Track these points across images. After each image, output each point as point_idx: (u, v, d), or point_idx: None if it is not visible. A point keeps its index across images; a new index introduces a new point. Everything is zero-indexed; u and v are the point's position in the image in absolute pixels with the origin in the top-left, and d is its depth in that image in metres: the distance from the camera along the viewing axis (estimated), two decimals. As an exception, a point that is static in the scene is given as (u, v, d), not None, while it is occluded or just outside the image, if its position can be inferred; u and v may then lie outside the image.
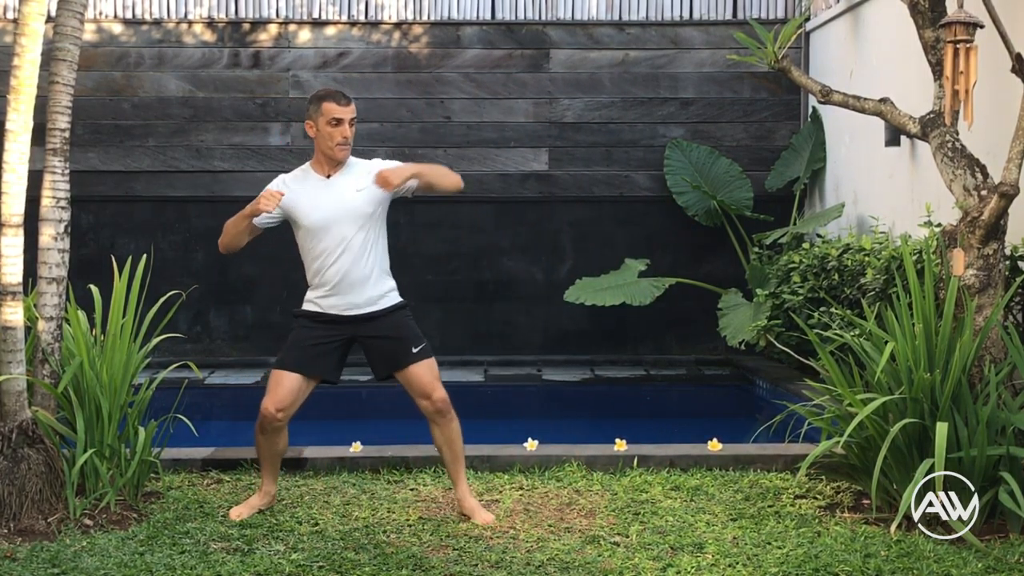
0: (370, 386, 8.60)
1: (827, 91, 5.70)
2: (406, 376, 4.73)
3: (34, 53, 4.60)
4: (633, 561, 4.17)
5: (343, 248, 4.67)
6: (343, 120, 4.65)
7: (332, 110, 4.66)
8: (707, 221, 9.29)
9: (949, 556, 4.15)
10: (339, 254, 4.68)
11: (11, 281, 4.61)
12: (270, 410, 4.66)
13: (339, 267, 4.68)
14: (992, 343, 4.76)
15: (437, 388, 4.71)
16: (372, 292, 4.74)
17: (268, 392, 4.70)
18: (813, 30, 9.39)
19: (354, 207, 4.67)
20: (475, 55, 9.48)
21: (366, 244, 4.70)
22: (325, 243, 4.69)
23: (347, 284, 4.70)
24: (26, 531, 4.39)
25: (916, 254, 5.90)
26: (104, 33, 9.38)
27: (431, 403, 4.71)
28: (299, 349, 4.74)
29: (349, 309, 4.73)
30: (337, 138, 4.65)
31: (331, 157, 4.71)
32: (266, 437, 4.73)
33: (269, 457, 4.79)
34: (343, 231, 4.67)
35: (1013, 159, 4.77)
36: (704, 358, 9.35)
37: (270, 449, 4.77)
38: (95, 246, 9.19)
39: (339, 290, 4.71)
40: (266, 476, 4.82)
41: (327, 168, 4.75)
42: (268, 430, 4.70)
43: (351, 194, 4.68)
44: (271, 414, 4.66)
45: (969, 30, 4.78)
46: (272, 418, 4.67)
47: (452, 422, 4.75)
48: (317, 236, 4.70)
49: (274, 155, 9.42)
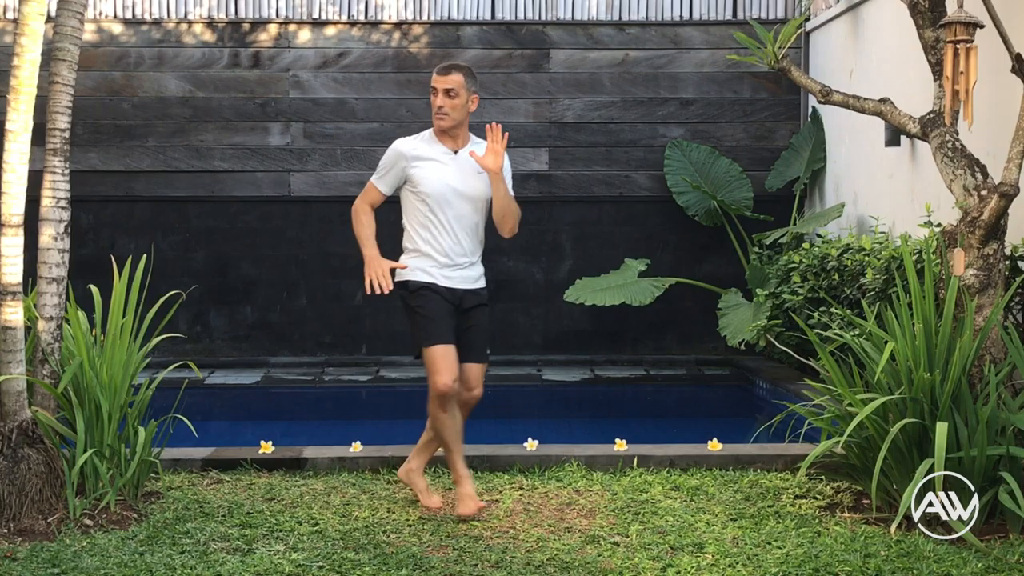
0: (370, 386, 8.63)
1: (827, 91, 5.70)
2: (462, 367, 4.85)
3: (34, 53, 4.60)
4: (633, 561, 4.17)
5: (461, 225, 4.84)
6: (437, 90, 4.81)
7: (432, 80, 4.86)
8: (707, 221, 9.29)
9: (949, 556, 4.15)
10: (458, 229, 4.83)
11: (11, 281, 4.61)
12: (447, 382, 4.71)
13: (454, 241, 4.83)
14: (992, 343, 4.76)
15: (480, 386, 4.94)
16: (474, 273, 4.93)
17: (434, 370, 4.73)
18: (813, 30, 9.39)
19: (475, 187, 4.85)
20: (475, 55, 9.48)
21: (479, 226, 4.90)
22: (444, 214, 4.82)
23: (462, 261, 4.86)
24: (26, 531, 4.39)
25: (916, 254, 5.90)
26: (104, 33, 9.39)
27: (470, 395, 4.91)
28: (440, 320, 4.80)
29: (461, 284, 4.87)
30: (434, 107, 4.84)
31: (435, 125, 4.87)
32: (448, 412, 4.77)
33: (455, 435, 4.83)
34: (463, 207, 4.83)
35: (1013, 159, 4.77)
36: (704, 358, 9.34)
37: (454, 425, 4.82)
38: (95, 246, 9.19)
39: (454, 263, 4.85)
40: (459, 458, 4.83)
41: (449, 140, 4.89)
42: (447, 403, 4.75)
43: (474, 175, 4.85)
44: (448, 385, 4.71)
45: (969, 30, 4.78)
46: (449, 388, 4.71)
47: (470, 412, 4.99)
48: (438, 205, 4.82)
49: (274, 155, 9.42)
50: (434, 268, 4.84)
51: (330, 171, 9.44)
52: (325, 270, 9.49)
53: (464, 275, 4.88)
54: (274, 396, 8.56)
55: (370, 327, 9.49)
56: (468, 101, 4.85)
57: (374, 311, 9.48)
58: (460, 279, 4.86)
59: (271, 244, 9.51)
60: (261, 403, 8.47)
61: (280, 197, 9.44)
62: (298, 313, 9.51)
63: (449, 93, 4.79)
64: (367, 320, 9.50)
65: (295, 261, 9.52)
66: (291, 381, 8.72)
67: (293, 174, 9.44)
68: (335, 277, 9.49)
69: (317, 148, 9.43)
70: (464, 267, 4.87)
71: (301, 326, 9.51)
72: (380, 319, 9.48)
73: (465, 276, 4.88)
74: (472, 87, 4.86)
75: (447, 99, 4.80)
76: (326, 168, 9.44)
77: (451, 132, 4.87)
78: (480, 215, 4.90)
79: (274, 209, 9.47)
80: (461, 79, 4.82)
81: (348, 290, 9.50)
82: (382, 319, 9.47)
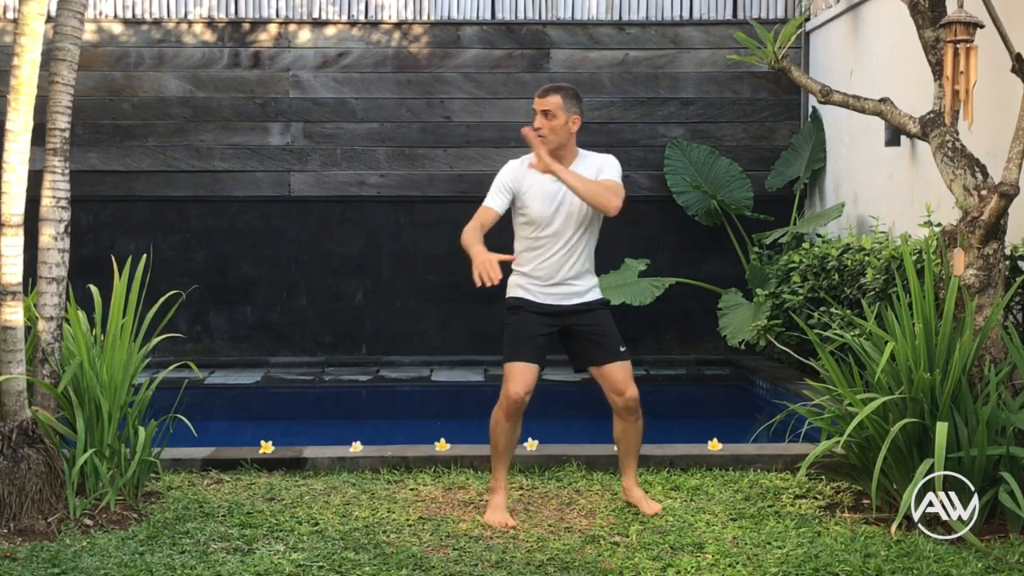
0: (370, 386, 8.64)
1: (827, 91, 5.69)
2: (603, 372, 4.87)
3: (34, 53, 4.60)
4: (633, 561, 4.17)
5: (562, 242, 4.82)
6: (536, 111, 4.81)
7: (535, 102, 4.85)
8: (707, 221, 9.29)
9: (949, 556, 4.15)
10: (558, 247, 4.82)
11: (11, 281, 4.61)
12: (519, 392, 4.73)
13: (555, 260, 4.83)
14: (992, 343, 4.76)
15: (631, 386, 4.86)
16: (581, 286, 4.88)
17: (509, 378, 4.76)
18: (813, 30, 9.39)
19: (576, 204, 4.79)
20: (475, 55, 9.48)
21: (580, 241, 4.84)
22: (544, 235, 4.83)
23: (562, 277, 4.84)
24: (26, 531, 4.39)
25: (916, 254, 5.90)
26: (104, 33, 9.38)
27: (623, 400, 4.86)
28: (526, 340, 4.82)
29: (562, 300, 4.85)
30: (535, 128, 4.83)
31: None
32: (512, 424, 4.79)
33: (508, 449, 4.85)
34: (561, 226, 4.81)
35: (1013, 159, 4.77)
36: (704, 358, 9.34)
37: (512, 439, 4.84)
38: (95, 246, 9.19)
39: (554, 281, 4.84)
40: (502, 471, 4.85)
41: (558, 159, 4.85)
42: (513, 414, 4.77)
43: (568, 191, 4.79)
44: (520, 396, 4.73)
45: (969, 30, 4.78)
46: (520, 400, 4.74)
47: (637, 421, 4.92)
48: (539, 227, 4.84)
49: (274, 155, 9.42)
50: (534, 286, 4.86)
51: (330, 171, 9.44)
52: (325, 270, 9.49)
53: (562, 292, 4.84)
54: (274, 396, 8.56)
55: (370, 327, 9.49)
56: (568, 122, 4.80)
57: (374, 311, 9.48)
58: (559, 296, 4.84)
59: (271, 244, 9.51)
60: (261, 403, 8.47)
61: (280, 197, 9.44)
62: (298, 313, 9.51)
63: (547, 115, 4.78)
64: (367, 320, 9.50)
65: (295, 261, 9.52)
66: (291, 381, 8.72)
67: (293, 174, 9.44)
68: (335, 277, 9.49)
69: (317, 148, 9.43)
70: (563, 286, 4.84)
71: (301, 326, 9.51)
72: (380, 319, 9.48)
73: (564, 293, 4.84)
74: (573, 108, 4.82)
75: (545, 120, 4.78)
76: (326, 168, 9.44)
77: (553, 153, 4.81)
78: (583, 228, 4.82)
79: (274, 209, 9.46)
80: (559, 100, 4.80)
81: (348, 290, 9.50)
82: (382, 319, 9.48)
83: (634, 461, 4.96)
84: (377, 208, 9.49)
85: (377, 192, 9.45)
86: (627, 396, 4.85)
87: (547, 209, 4.80)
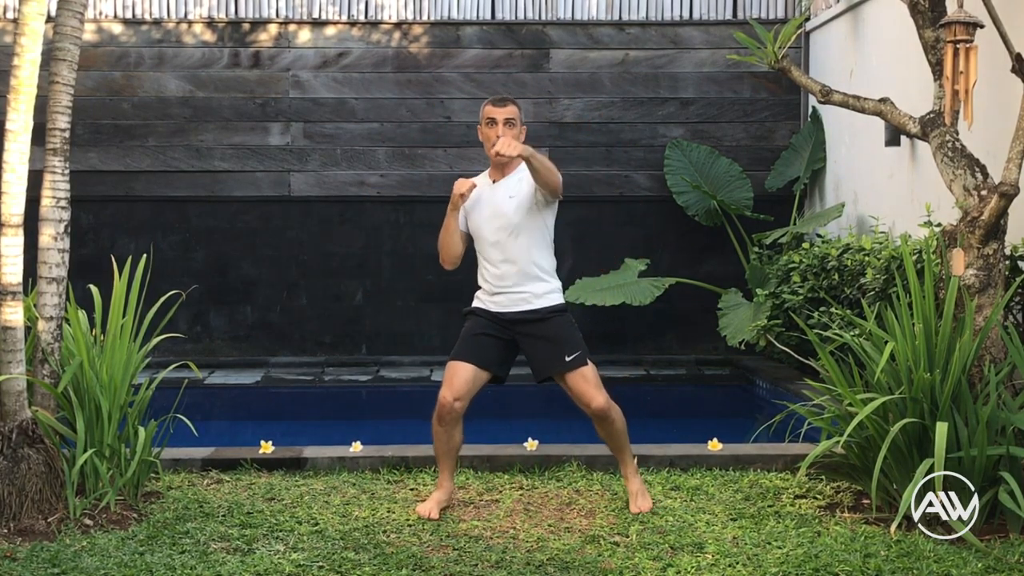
0: (370, 386, 8.64)
1: (827, 91, 5.69)
2: (565, 382, 4.86)
3: (34, 53, 4.60)
4: (633, 561, 4.17)
5: (499, 252, 4.82)
6: (496, 120, 4.77)
7: (487, 111, 4.81)
8: (707, 221, 9.29)
9: (949, 556, 4.15)
10: (497, 258, 4.83)
11: (11, 281, 4.61)
12: (448, 399, 4.74)
13: (497, 270, 4.83)
14: (992, 343, 4.76)
15: (594, 397, 4.78)
16: (529, 292, 4.84)
17: (444, 383, 4.79)
18: (813, 30, 9.39)
19: (504, 214, 4.81)
20: (475, 55, 9.48)
21: (520, 249, 4.81)
22: (484, 246, 4.86)
23: (504, 286, 4.84)
24: (26, 531, 4.39)
25: (916, 254, 5.90)
26: (104, 33, 9.39)
27: (590, 411, 4.82)
28: (468, 340, 4.86)
29: (507, 307, 4.85)
30: (492, 138, 4.77)
31: (490, 159, 4.83)
32: (445, 429, 4.79)
33: (447, 452, 4.84)
34: (497, 236, 4.81)
35: (1013, 159, 4.77)
36: (704, 358, 9.35)
37: (448, 443, 4.82)
38: (95, 246, 9.19)
39: (498, 291, 4.85)
40: (444, 472, 4.86)
41: (495, 172, 4.89)
42: (446, 420, 4.76)
43: (504, 201, 4.81)
44: (448, 403, 4.74)
45: (969, 30, 4.78)
46: (449, 407, 4.74)
47: (613, 424, 4.84)
48: (479, 239, 4.87)
49: (274, 155, 9.42)
50: (485, 296, 4.90)
51: (330, 171, 9.44)
52: (325, 270, 9.50)
53: (507, 300, 4.83)
54: (274, 396, 8.56)
55: (370, 327, 9.50)
56: (520, 133, 4.84)
57: (374, 311, 9.48)
58: (505, 304, 4.84)
59: (271, 244, 9.51)
60: (261, 403, 8.47)
61: (280, 197, 9.44)
62: (298, 313, 9.51)
63: (510, 123, 4.77)
64: (367, 320, 9.50)
65: (295, 261, 9.52)
66: (291, 381, 8.72)
67: (293, 174, 9.44)
68: (335, 277, 9.49)
69: (317, 148, 9.43)
70: (507, 294, 4.83)
71: (301, 326, 9.51)
72: (380, 319, 9.48)
73: (508, 302, 4.83)
74: (521, 118, 4.87)
75: (508, 128, 4.76)
76: (326, 168, 9.44)
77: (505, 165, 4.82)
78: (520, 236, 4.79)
79: (274, 209, 9.47)
80: (517, 109, 4.83)
81: (348, 290, 9.50)
82: (382, 319, 9.48)
83: (626, 454, 4.93)
84: (377, 208, 9.49)
85: (377, 192, 9.45)
86: (593, 408, 4.78)
87: (483, 221, 4.83)
